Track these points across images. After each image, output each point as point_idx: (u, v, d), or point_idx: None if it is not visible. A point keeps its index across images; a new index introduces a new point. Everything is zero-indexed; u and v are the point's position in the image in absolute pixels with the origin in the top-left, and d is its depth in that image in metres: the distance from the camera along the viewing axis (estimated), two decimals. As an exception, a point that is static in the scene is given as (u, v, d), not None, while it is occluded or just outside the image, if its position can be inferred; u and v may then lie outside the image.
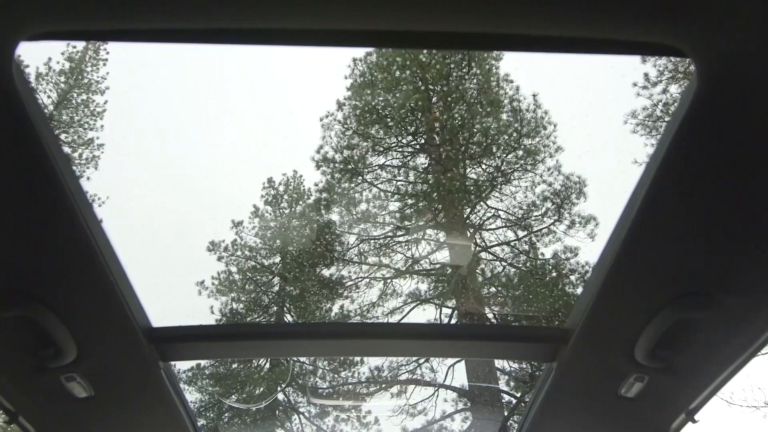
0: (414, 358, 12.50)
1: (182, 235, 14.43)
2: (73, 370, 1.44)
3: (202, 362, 11.96)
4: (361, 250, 13.49)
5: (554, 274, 12.48)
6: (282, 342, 1.85)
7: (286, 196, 13.94)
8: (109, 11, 0.80)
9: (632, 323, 1.37)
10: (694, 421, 1.67)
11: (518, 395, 11.78)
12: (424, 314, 13.01)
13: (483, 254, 13.13)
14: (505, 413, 11.59)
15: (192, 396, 11.82)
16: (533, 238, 13.00)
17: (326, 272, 13.09)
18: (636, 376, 1.53)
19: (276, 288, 13.14)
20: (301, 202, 13.70)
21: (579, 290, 11.88)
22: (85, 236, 1.11)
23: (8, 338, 1.31)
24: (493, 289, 12.72)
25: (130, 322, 1.37)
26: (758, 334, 1.32)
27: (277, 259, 13.15)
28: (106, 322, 1.35)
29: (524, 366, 11.98)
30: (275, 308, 12.99)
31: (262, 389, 11.96)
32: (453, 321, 12.85)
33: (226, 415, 11.58)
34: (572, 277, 12.30)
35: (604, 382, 1.60)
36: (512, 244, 13.13)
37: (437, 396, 12.33)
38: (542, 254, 12.68)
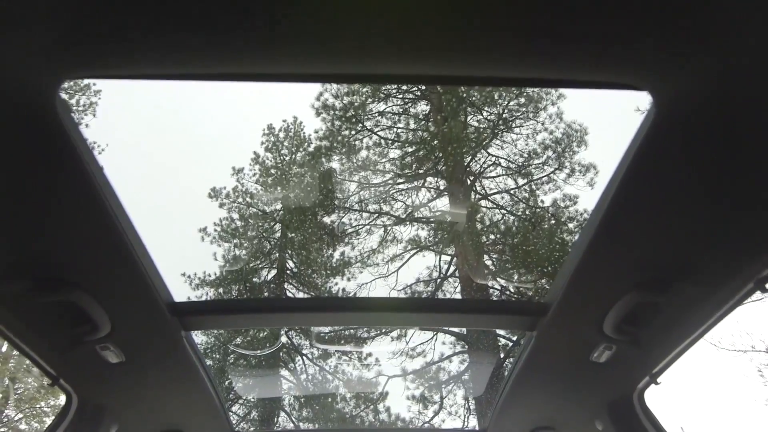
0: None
1: (183, 182, 14.45)
2: (107, 341, 1.69)
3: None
4: (362, 198, 13.56)
5: (552, 222, 12.63)
6: (287, 315, 2.10)
7: (286, 143, 13.87)
8: (135, 61, 0.97)
9: (602, 301, 1.58)
10: (656, 383, 1.93)
11: (514, 338, 12.10)
12: (424, 261, 13.21)
13: (483, 202, 13.22)
14: (501, 356, 11.90)
15: (198, 338, 12.11)
16: (533, 186, 13.08)
17: (327, 219, 13.20)
18: (605, 345, 1.77)
19: (278, 234, 13.24)
20: (301, 150, 13.65)
21: (576, 237, 12.04)
22: (117, 231, 1.30)
23: (52, 317, 1.54)
24: (492, 237, 12.87)
25: (155, 299, 1.59)
26: (709, 315, 1.56)
27: (279, 206, 13.19)
28: (135, 300, 1.56)
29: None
30: (277, 254, 13.12)
31: (266, 333, 12.23)
32: (452, 269, 13.08)
33: (232, 356, 11.89)
34: (570, 225, 12.44)
35: (577, 349, 1.84)
36: (512, 192, 13.21)
37: (436, 339, 12.64)
38: (542, 201, 12.77)
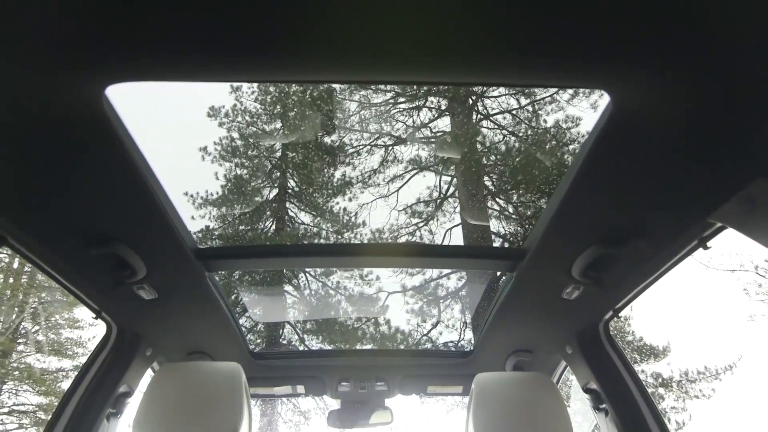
0: (413, 222, 13.05)
1: (180, 100, 14.18)
2: (142, 282, 2.02)
3: (211, 225, 12.45)
4: (363, 117, 13.41)
5: (554, 143, 12.56)
6: (295, 259, 2.50)
7: (285, 60, 13.50)
8: (169, 67, 1.15)
9: (571, 250, 1.89)
10: (618, 317, 2.29)
11: (520, 246, 12.31)
12: (424, 181, 13.26)
13: (485, 122, 13.08)
14: (498, 273, 12.26)
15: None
16: (536, 107, 12.88)
17: (327, 139, 13.12)
18: (574, 285, 2.09)
19: (278, 154, 13.22)
20: (300, 67, 13.30)
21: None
22: (153, 197, 1.58)
23: (98, 265, 1.87)
24: (493, 158, 12.85)
25: (183, 247, 1.89)
26: (660, 266, 1.89)
27: (279, 125, 13.07)
28: (166, 248, 1.87)
29: (518, 230, 12.51)
30: (278, 174, 13.17)
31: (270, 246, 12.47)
32: (452, 189, 13.18)
33: (237, 272, 12.25)
34: (571, 147, 12.38)
35: (550, 288, 2.16)
36: (514, 112, 13.03)
37: (435, 257, 12.90)
38: (545, 121, 12.63)
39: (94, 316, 2.24)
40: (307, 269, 12.87)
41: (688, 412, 12.41)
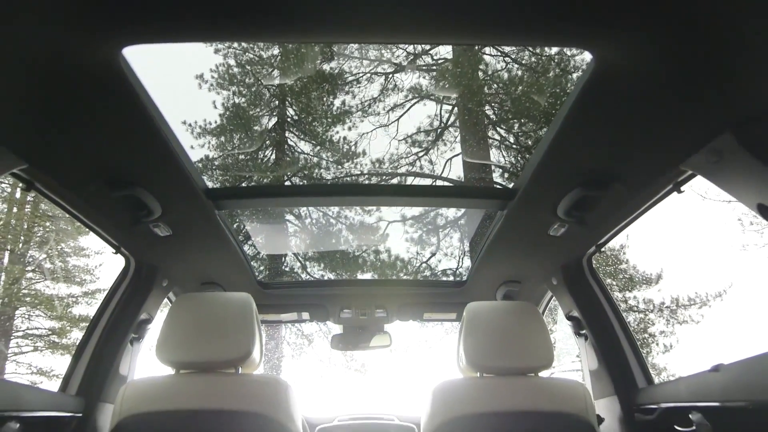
0: (414, 151, 13.05)
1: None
2: (158, 220, 2.22)
3: (211, 154, 12.45)
4: (362, 44, 13.04)
5: (558, 71, 12.31)
6: (298, 198, 2.67)
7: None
8: (191, 30, 1.27)
9: (556, 191, 2.06)
10: (600, 252, 2.58)
11: (510, 186, 12.46)
12: (425, 110, 13.11)
13: (486, 49, 12.74)
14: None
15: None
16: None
17: (326, 67, 12.85)
18: (559, 224, 2.29)
19: (276, 81, 12.98)
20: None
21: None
22: (167, 145, 1.73)
23: (116, 205, 2.07)
24: (495, 86, 12.64)
25: (195, 188, 2.05)
26: (636, 207, 2.11)
27: (276, 51, 12.74)
28: (179, 190, 2.04)
29: (518, 160, 12.53)
30: (277, 102, 13.00)
31: (269, 180, 12.59)
32: (453, 118, 13.07)
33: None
34: (574, 75, 12.13)
35: (537, 225, 2.36)
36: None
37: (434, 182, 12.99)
38: (548, 49, 12.29)
39: (114, 251, 2.45)
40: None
41: (676, 336, 13.01)
